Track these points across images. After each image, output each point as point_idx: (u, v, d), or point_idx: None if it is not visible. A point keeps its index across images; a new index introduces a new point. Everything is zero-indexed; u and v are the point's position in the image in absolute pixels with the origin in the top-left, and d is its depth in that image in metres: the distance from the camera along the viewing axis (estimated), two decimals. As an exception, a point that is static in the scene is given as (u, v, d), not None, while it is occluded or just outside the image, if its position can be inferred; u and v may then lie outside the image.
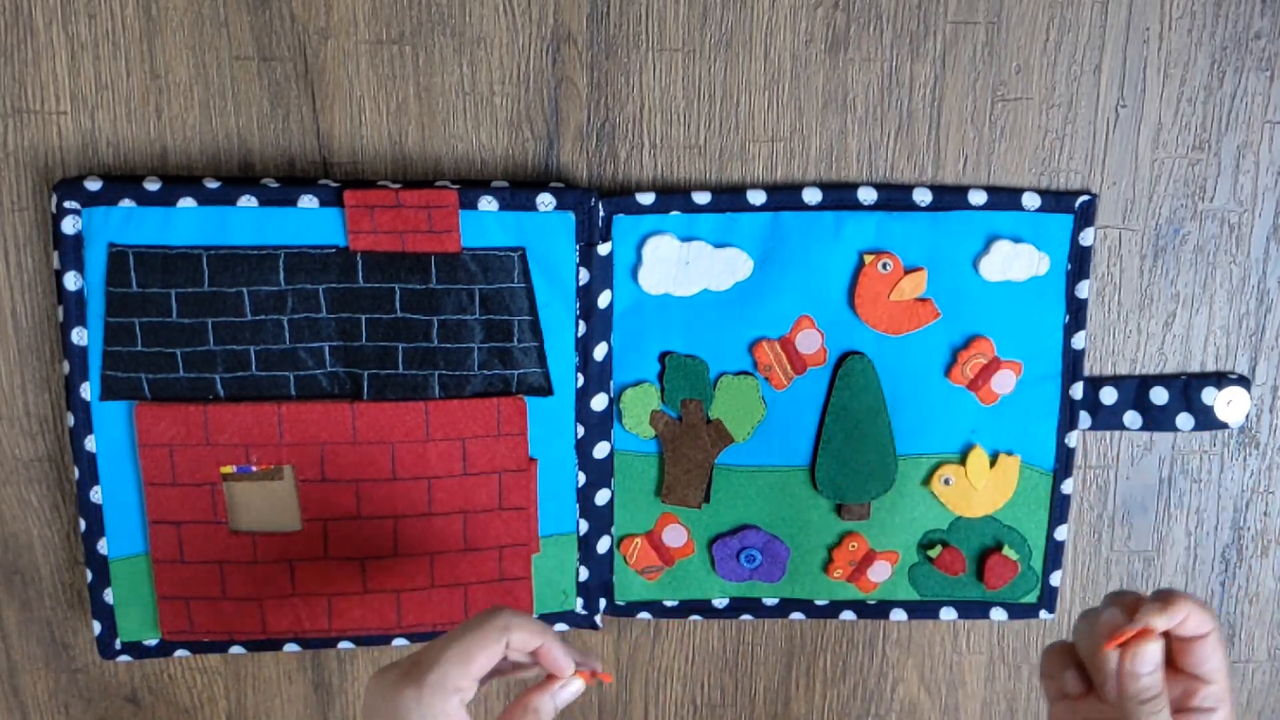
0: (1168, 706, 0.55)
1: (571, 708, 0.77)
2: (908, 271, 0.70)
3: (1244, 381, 0.73)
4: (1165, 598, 0.55)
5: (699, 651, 0.78)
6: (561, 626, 0.74)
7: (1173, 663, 0.56)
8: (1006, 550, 0.74)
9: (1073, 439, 0.73)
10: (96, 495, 0.69)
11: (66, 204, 0.65)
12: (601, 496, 0.73)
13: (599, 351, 0.70)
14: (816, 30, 0.68)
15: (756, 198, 0.68)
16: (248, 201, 0.65)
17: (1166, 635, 0.56)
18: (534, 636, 0.57)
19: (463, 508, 0.70)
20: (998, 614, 0.76)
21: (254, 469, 0.68)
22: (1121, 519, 0.76)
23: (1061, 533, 0.74)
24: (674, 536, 0.74)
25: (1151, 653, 0.55)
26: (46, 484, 0.71)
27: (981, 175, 0.70)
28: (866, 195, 0.69)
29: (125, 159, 0.67)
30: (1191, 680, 0.56)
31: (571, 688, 0.59)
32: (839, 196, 0.69)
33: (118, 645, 0.71)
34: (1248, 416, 0.74)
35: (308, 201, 0.66)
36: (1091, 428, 0.73)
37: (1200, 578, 0.77)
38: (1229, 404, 0.73)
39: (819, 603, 0.75)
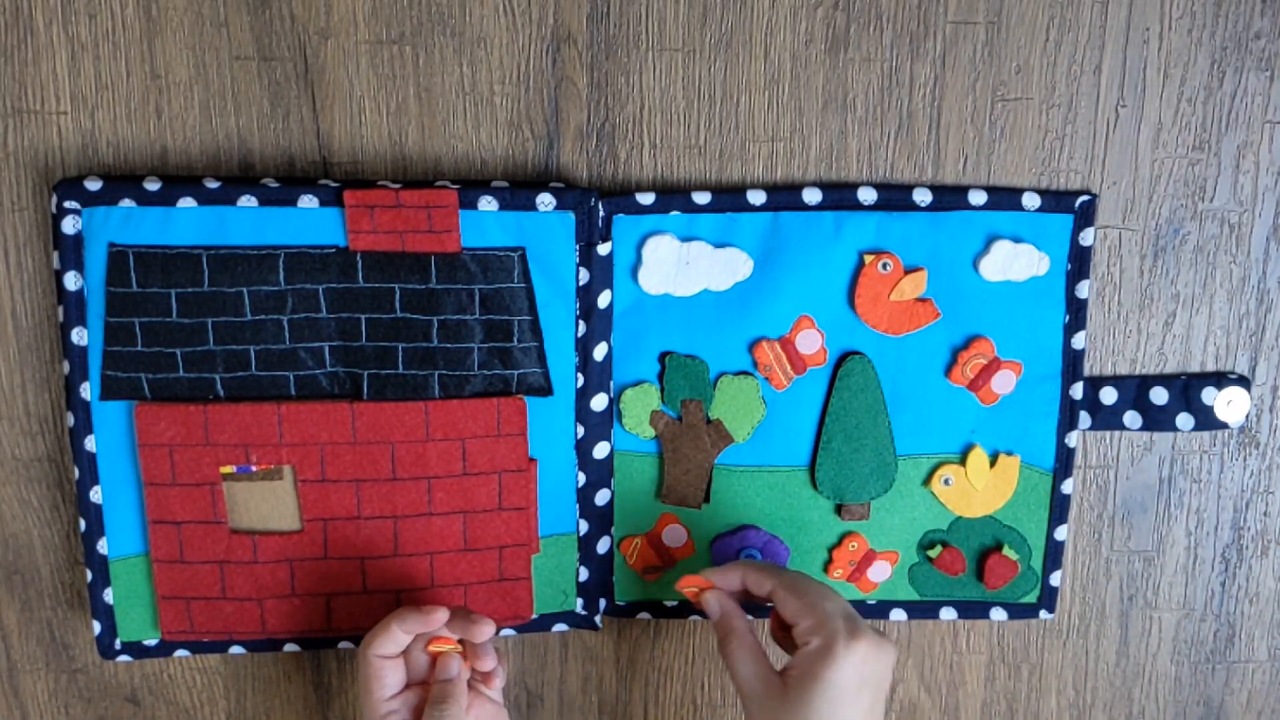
0: (740, 640, 0.64)
1: (571, 707, 0.77)
2: (908, 271, 0.70)
3: (1244, 381, 0.73)
4: (725, 566, 0.67)
5: (699, 651, 0.78)
6: (561, 626, 0.74)
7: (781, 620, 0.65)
8: (1006, 550, 0.74)
9: (1073, 439, 0.73)
10: (96, 495, 0.69)
11: (66, 204, 0.65)
12: (601, 497, 0.73)
13: (599, 351, 0.70)
14: (816, 30, 0.68)
15: (756, 198, 0.68)
16: (248, 201, 0.65)
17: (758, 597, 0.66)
18: (423, 619, 0.66)
19: (463, 508, 0.70)
20: (998, 614, 0.76)
21: (254, 469, 0.68)
22: (1121, 519, 0.76)
23: (1061, 533, 0.74)
24: (674, 537, 0.74)
25: (706, 604, 0.67)
26: (46, 484, 0.71)
27: (981, 175, 0.70)
28: (866, 195, 0.69)
29: (125, 159, 0.67)
30: (792, 624, 0.63)
31: (447, 664, 0.67)
32: (839, 196, 0.69)
33: (118, 645, 0.71)
34: (1248, 416, 0.74)
35: (308, 201, 0.66)
36: (1091, 428, 0.73)
37: (1200, 578, 0.77)
38: (1229, 404, 0.73)
39: (819, 603, 0.75)
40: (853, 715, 0.61)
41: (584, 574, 0.74)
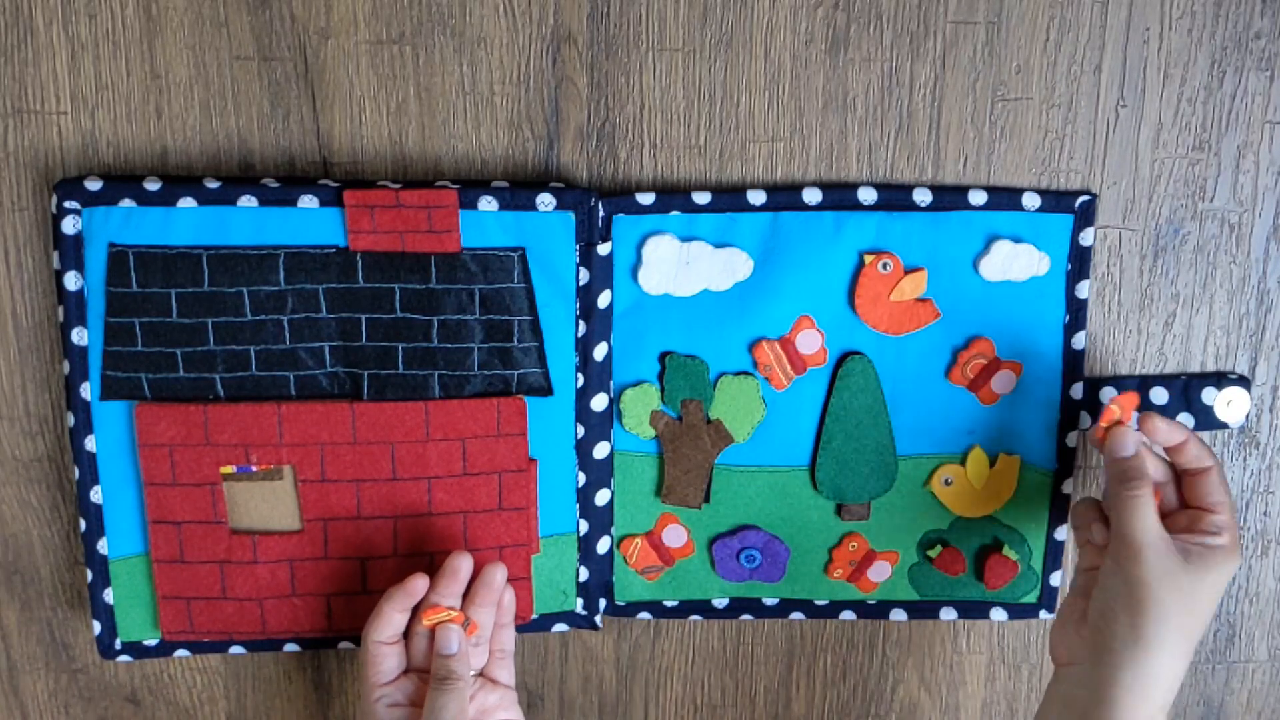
0: (1149, 491, 0.64)
1: (571, 707, 0.77)
2: (908, 271, 0.70)
3: (1244, 381, 0.73)
4: (1170, 421, 0.67)
5: (699, 651, 0.78)
6: (561, 626, 0.74)
7: (1185, 499, 0.67)
8: (1006, 550, 0.74)
9: (1073, 439, 0.73)
10: (96, 495, 0.69)
11: (67, 204, 0.65)
12: (601, 496, 0.73)
13: (599, 351, 0.70)
14: (816, 30, 0.68)
15: (756, 198, 0.68)
16: (248, 201, 0.65)
17: (1181, 475, 0.67)
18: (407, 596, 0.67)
19: (463, 508, 0.70)
20: (998, 614, 0.76)
21: (254, 469, 0.68)
22: (1121, 519, 0.76)
23: (1061, 533, 0.74)
24: (674, 536, 0.74)
25: (1124, 435, 0.66)
26: (46, 484, 0.72)
27: (981, 175, 0.70)
28: (866, 195, 0.69)
29: (125, 159, 0.67)
30: (1198, 511, 0.66)
31: (446, 637, 0.66)
32: (839, 196, 0.69)
33: (118, 645, 0.71)
34: (1248, 416, 0.74)
35: (308, 201, 0.66)
36: (1092, 427, 0.73)
37: (1200, 578, 0.77)
38: (1229, 404, 0.73)
39: (819, 603, 0.75)
40: (1209, 611, 0.64)
41: (584, 574, 0.74)
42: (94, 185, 0.65)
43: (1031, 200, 0.69)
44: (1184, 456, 0.67)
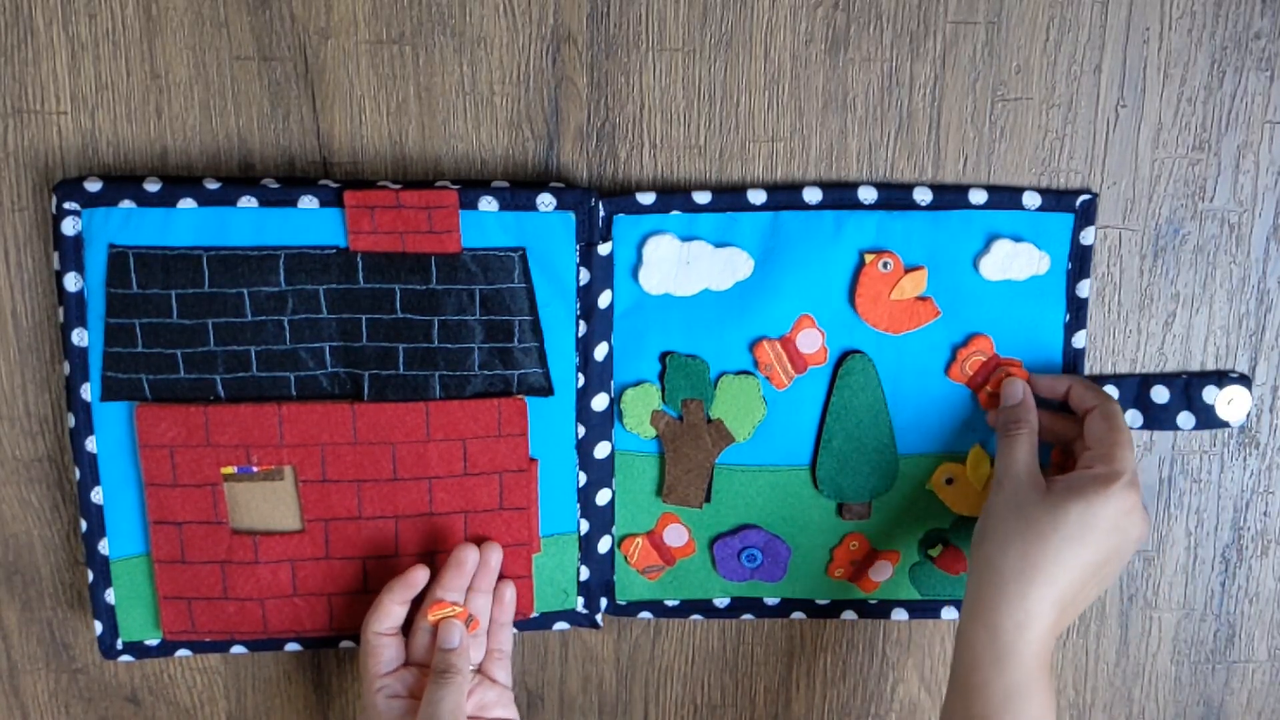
0: (1026, 431, 0.67)
1: (571, 707, 0.77)
2: (908, 270, 0.70)
3: (1245, 380, 0.73)
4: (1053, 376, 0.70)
5: (699, 651, 0.78)
6: (562, 625, 0.74)
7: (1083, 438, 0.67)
8: (1007, 550, 0.74)
9: (1073, 438, 0.73)
10: (97, 496, 0.69)
11: (66, 205, 0.65)
12: (602, 496, 0.73)
13: (599, 351, 0.70)
14: (816, 30, 0.68)
15: (757, 197, 0.68)
16: (248, 202, 0.65)
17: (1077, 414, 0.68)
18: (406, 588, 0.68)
19: (464, 508, 0.70)
20: (998, 613, 0.76)
21: (255, 469, 0.68)
22: (1122, 518, 0.76)
23: (1062, 532, 0.74)
24: (675, 536, 0.74)
25: (1013, 383, 0.70)
26: (47, 484, 0.71)
27: (981, 175, 0.70)
28: (867, 195, 0.69)
29: (125, 159, 0.67)
30: (1084, 449, 0.66)
31: (448, 631, 0.67)
32: (839, 196, 0.69)
33: (119, 645, 0.71)
34: (1248, 416, 0.74)
35: (308, 202, 0.66)
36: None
37: (1200, 578, 0.77)
38: (1230, 403, 0.73)
39: (820, 602, 0.75)
40: (1088, 554, 0.63)
41: (585, 573, 0.74)
42: (94, 186, 0.65)
43: (1032, 199, 0.69)
44: (1074, 400, 0.69)
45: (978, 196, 0.69)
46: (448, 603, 0.67)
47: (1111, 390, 0.72)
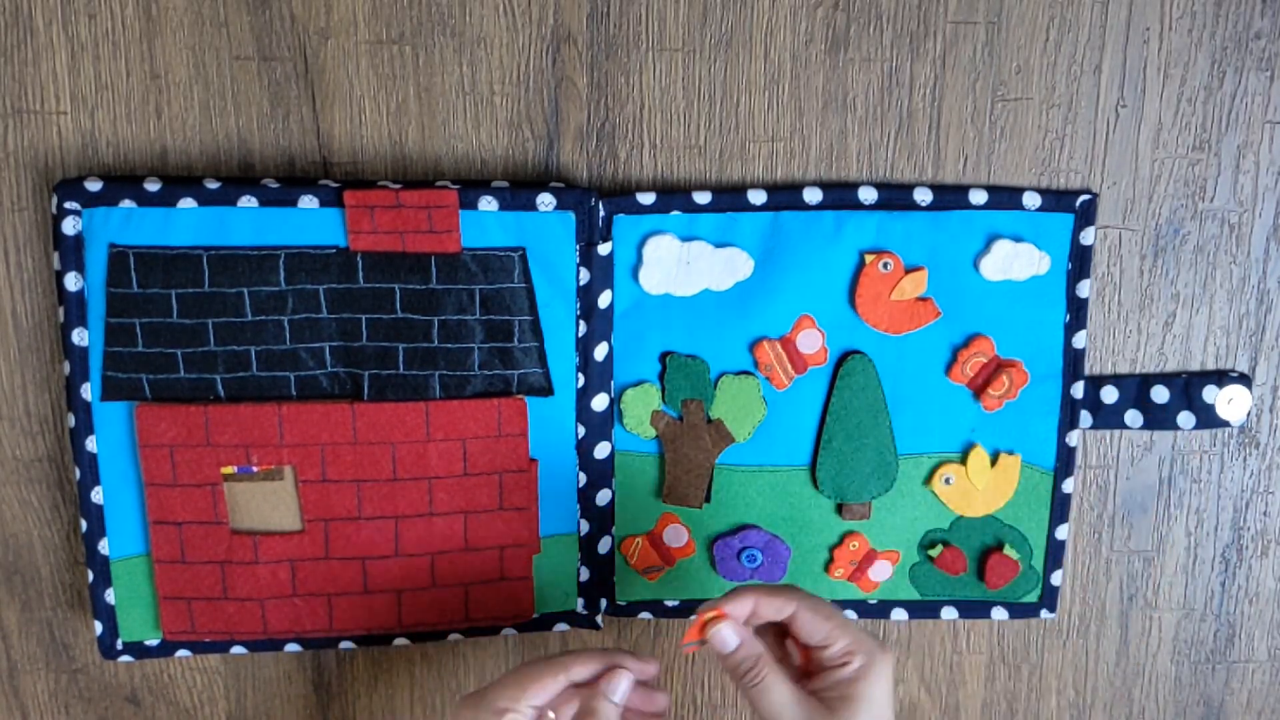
0: (768, 671, 0.60)
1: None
2: (908, 271, 0.70)
3: (1245, 380, 0.73)
4: (729, 595, 0.62)
5: (699, 651, 0.77)
6: (562, 626, 0.74)
7: (798, 640, 0.63)
8: (1007, 550, 0.74)
9: (1073, 438, 0.73)
10: (97, 496, 0.69)
11: (67, 204, 0.65)
12: (602, 497, 0.73)
13: (599, 351, 0.70)
14: (816, 30, 0.68)
15: (757, 197, 0.69)
16: (248, 202, 0.65)
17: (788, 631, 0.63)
18: (593, 663, 0.63)
19: (464, 508, 0.70)
20: (998, 613, 0.76)
21: (255, 469, 0.68)
22: (1122, 519, 0.76)
23: (1062, 532, 0.74)
24: (675, 536, 0.74)
25: (722, 631, 0.61)
26: (47, 484, 0.71)
27: (981, 175, 0.70)
28: (867, 195, 0.69)
29: (125, 159, 0.67)
30: (816, 653, 0.62)
31: (615, 681, 0.63)
32: (839, 196, 0.69)
33: (119, 645, 0.71)
34: (1248, 416, 0.74)
35: (308, 202, 0.66)
36: (1092, 427, 0.73)
37: (1200, 578, 0.77)
38: (1230, 402, 0.73)
39: (819, 602, 0.75)
40: (889, 715, 0.60)
41: (585, 574, 0.74)
42: (94, 186, 0.65)
43: (1032, 199, 0.69)
44: (767, 614, 0.62)
45: (978, 197, 0.69)
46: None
47: (1111, 390, 0.72)
